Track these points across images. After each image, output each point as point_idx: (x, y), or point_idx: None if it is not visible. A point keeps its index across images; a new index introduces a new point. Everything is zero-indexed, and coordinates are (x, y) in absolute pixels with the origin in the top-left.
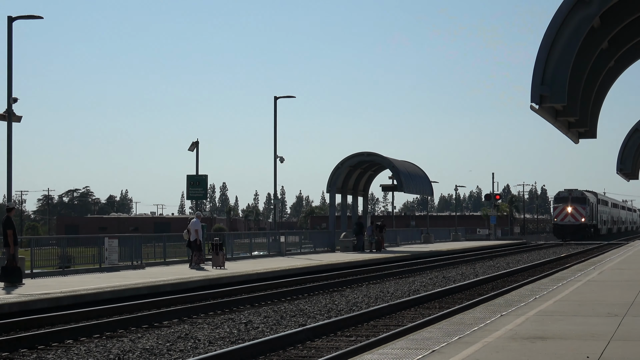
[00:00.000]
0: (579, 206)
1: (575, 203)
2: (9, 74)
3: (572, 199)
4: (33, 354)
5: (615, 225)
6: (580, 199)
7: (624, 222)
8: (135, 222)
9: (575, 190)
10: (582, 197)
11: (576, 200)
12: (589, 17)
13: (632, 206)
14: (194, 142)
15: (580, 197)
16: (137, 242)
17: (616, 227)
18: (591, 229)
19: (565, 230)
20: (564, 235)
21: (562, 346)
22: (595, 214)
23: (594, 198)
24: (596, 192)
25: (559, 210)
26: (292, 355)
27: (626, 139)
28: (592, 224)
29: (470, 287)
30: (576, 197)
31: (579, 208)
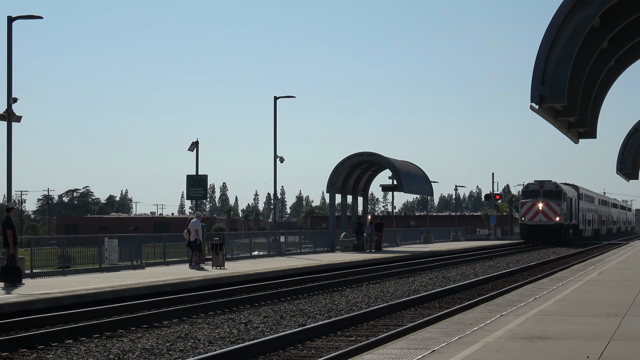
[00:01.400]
0: (552, 202)
1: (548, 198)
2: (9, 74)
3: (544, 192)
4: (33, 354)
5: (604, 225)
6: (554, 192)
7: (616, 222)
8: (135, 222)
9: (548, 182)
10: (556, 190)
11: (549, 195)
12: (589, 17)
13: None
14: (194, 142)
15: (554, 191)
16: (137, 242)
17: (605, 228)
18: (569, 230)
19: (534, 231)
20: (533, 237)
21: (562, 346)
22: (575, 212)
23: (574, 192)
24: (577, 186)
25: (527, 207)
26: (292, 355)
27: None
28: (570, 224)
29: (470, 287)
30: (549, 190)
31: (553, 204)
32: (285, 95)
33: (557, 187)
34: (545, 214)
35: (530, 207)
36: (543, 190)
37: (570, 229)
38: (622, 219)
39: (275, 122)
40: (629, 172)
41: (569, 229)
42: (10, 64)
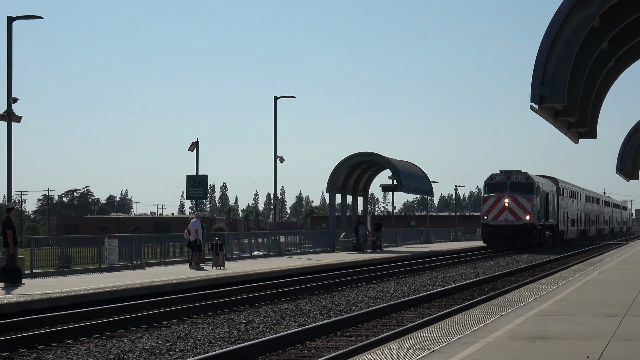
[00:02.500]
0: (521, 197)
1: (516, 192)
2: (9, 74)
3: (512, 185)
4: (33, 354)
5: (593, 225)
6: (523, 185)
7: (608, 222)
8: (135, 222)
9: (516, 173)
10: (526, 183)
11: (518, 188)
12: (589, 17)
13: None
14: (194, 142)
15: (523, 184)
16: (137, 242)
17: (595, 229)
18: (545, 231)
19: (499, 233)
20: (498, 241)
21: (562, 346)
22: (553, 210)
23: (551, 186)
24: (557, 179)
25: (490, 203)
26: (292, 355)
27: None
28: (545, 224)
29: (470, 287)
30: (518, 183)
31: (522, 200)
32: (285, 95)
33: (528, 178)
34: (512, 211)
35: (494, 204)
36: (510, 183)
37: (547, 230)
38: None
39: (275, 122)
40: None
41: (545, 230)
42: (10, 64)
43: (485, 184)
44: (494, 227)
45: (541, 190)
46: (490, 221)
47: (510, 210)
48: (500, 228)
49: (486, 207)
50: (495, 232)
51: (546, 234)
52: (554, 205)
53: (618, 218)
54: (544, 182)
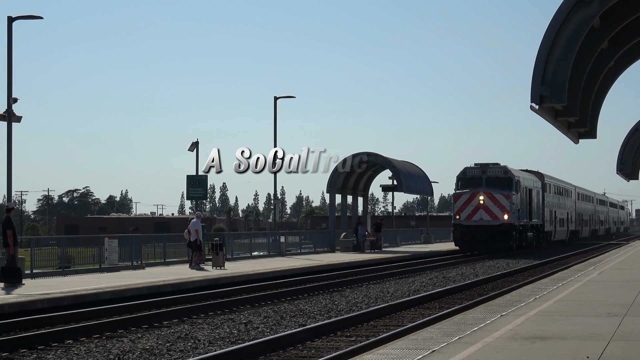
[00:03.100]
0: (498, 193)
1: (492, 188)
2: (9, 74)
3: (488, 180)
4: (33, 354)
5: (586, 226)
6: (501, 181)
7: (604, 222)
8: (135, 222)
9: (493, 166)
10: (505, 177)
11: (495, 183)
12: (589, 17)
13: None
14: (194, 142)
15: (501, 178)
16: (137, 242)
17: (588, 229)
18: (526, 232)
19: (473, 235)
20: (472, 243)
21: (562, 346)
22: (537, 208)
23: (535, 182)
24: (542, 174)
25: (463, 201)
26: (292, 356)
27: (626, 139)
28: (528, 225)
29: (470, 287)
30: (495, 177)
31: (499, 197)
32: (285, 95)
33: (507, 172)
34: (488, 210)
35: (468, 201)
36: (486, 178)
37: (530, 231)
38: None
39: (275, 122)
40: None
41: (527, 230)
42: (10, 64)
43: (457, 179)
44: (467, 228)
45: (522, 186)
46: (463, 221)
47: (485, 208)
48: (475, 229)
49: (458, 205)
50: (468, 234)
51: (529, 235)
52: (538, 203)
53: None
54: (526, 177)
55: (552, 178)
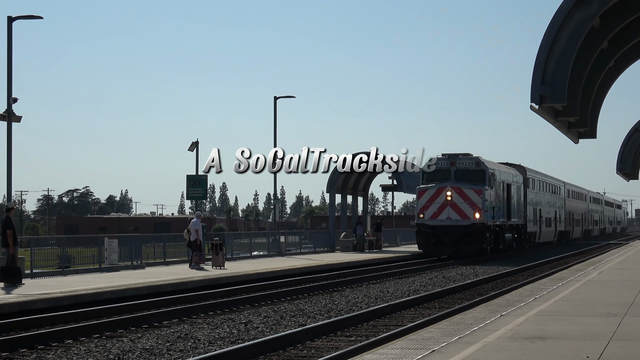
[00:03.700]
0: (468, 188)
1: (462, 182)
2: (9, 74)
3: (457, 173)
4: (33, 354)
5: (578, 226)
6: (472, 174)
7: (598, 222)
8: (135, 222)
9: (463, 157)
10: (477, 170)
11: (465, 177)
12: (589, 17)
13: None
14: (194, 142)
15: (473, 171)
16: (137, 242)
17: (581, 230)
18: (506, 233)
19: (439, 236)
20: (438, 246)
21: (562, 346)
22: (517, 206)
23: (515, 177)
24: (525, 167)
25: (428, 197)
26: (292, 355)
27: (626, 139)
28: (505, 225)
29: (470, 287)
30: (465, 170)
31: (470, 192)
32: (285, 95)
33: (479, 164)
34: (456, 207)
35: (433, 198)
36: (455, 170)
37: (508, 232)
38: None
39: (275, 122)
40: (629, 172)
41: (505, 231)
42: (10, 64)
43: (422, 172)
44: (432, 229)
45: (498, 181)
46: (428, 220)
47: (453, 205)
48: (441, 230)
49: (422, 201)
50: (434, 235)
51: (507, 237)
52: (519, 200)
53: (611, 217)
54: (503, 171)
55: (536, 172)
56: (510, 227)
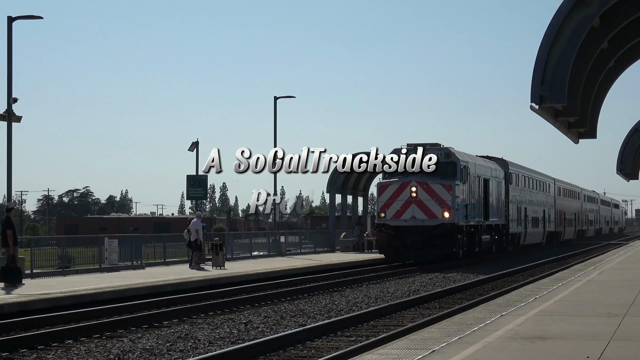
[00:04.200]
0: (436, 183)
1: (429, 176)
2: (9, 74)
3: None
4: (33, 354)
5: (570, 226)
6: (442, 167)
7: (594, 222)
8: (135, 222)
9: (431, 148)
10: (446, 162)
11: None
12: (589, 17)
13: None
14: (194, 142)
15: (442, 164)
16: (137, 242)
17: (573, 231)
18: (483, 235)
19: (403, 239)
20: (402, 250)
21: (562, 346)
22: (497, 204)
23: (495, 171)
24: (507, 161)
25: (390, 194)
26: (292, 355)
27: (626, 139)
28: (482, 225)
29: (470, 287)
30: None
31: (438, 188)
32: (285, 95)
33: (449, 156)
34: (422, 205)
35: (396, 194)
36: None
37: (486, 233)
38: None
39: (275, 122)
40: (629, 172)
41: (480, 232)
42: (10, 64)
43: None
44: (395, 230)
45: (473, 175)
46: (390, 220)
47: (419, 203)
48: (405, 231)
49: (384, 198)
50: (397, 238)
51: (484, 238)
52: (499, 197)
53: (607, 217)
54: (480, 164)
55: (520, 167)
56: (488, 228)
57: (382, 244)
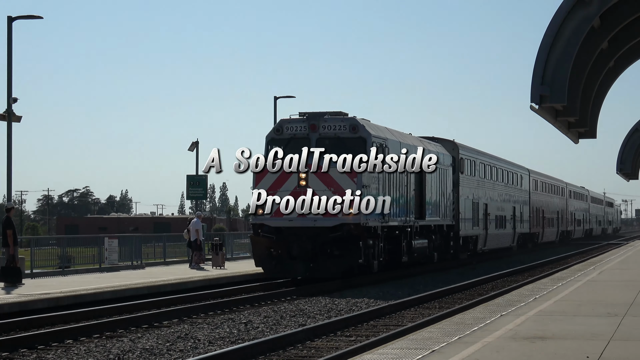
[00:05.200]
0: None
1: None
2: (9, 74)
3: (320, 144)
4: (33, 354)
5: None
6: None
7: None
8: (135, 222)
9: (331, 118)
10: (352, 137)
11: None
12: (589, 17)
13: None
14: (194, 142)
15: (345, 140)
16: (137, 242)
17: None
18: (414, 240)
19: (288, 245)
20: (285, 261)
21: (562, 346)
22: (440, 199)
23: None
24: (458, 143)
25: (271, 183)
26: (292, 355)
27: (626, 139)
28: (412, 226)
29: (470, 287)
30: (333, 138)
31: (337, 175)
32: (285, 95)
33: (355, 129)
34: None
35: (279, 182)
36: (318, 139)
37: (421, 237)
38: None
39: (275, 122)
40: (629, 172)
41: (410, 236)
42: (10, 64)
43: (267, 143)
44: (277, 233)
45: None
46: (270, 219)
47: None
48: (291, 234)
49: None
50: (280, 244)
51: (417, 244)
52: (443, 189)
53: (600, 217)
54: (408, 144)
55: (476, 152)
56: (426, 230)
57: (259, 252)
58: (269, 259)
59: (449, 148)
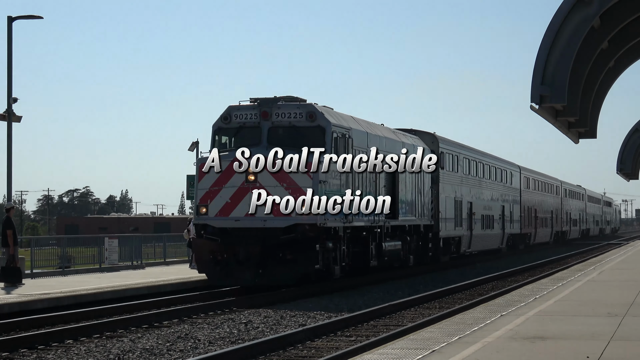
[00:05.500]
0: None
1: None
2: (9, 74)
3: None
4: (33, 354)
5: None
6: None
7: (578, 222)
8: (135, 222)
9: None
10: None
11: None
12: (589, 17)
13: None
14: (194, 142)
15: (301, 129)
16: (137, 242)
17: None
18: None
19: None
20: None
21: (562, 346)
22: (417, 196)
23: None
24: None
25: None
26: (292, 355)
27: (626, 139)
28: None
29: (470, 287)
30: (288, 127)
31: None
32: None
33: (313, 116)
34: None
35: (225, 177)
36: (270, 128)
37: (392, 239)
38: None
39: None
40: (629, 172)
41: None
42: (10, 64)
43: (213, 132)
44: (222, 234)
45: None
46: (214, 219)
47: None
48: (237, 236)
49: (206, 184)
50: (226, 247)
51: (388, 247)
52: (419, 186)
53: (597, 216)
54: (379, 136)
55: (459, 146)
56: (400, 231)
57: (201, 255)
58: (213, 264)
59: (427, 141)
